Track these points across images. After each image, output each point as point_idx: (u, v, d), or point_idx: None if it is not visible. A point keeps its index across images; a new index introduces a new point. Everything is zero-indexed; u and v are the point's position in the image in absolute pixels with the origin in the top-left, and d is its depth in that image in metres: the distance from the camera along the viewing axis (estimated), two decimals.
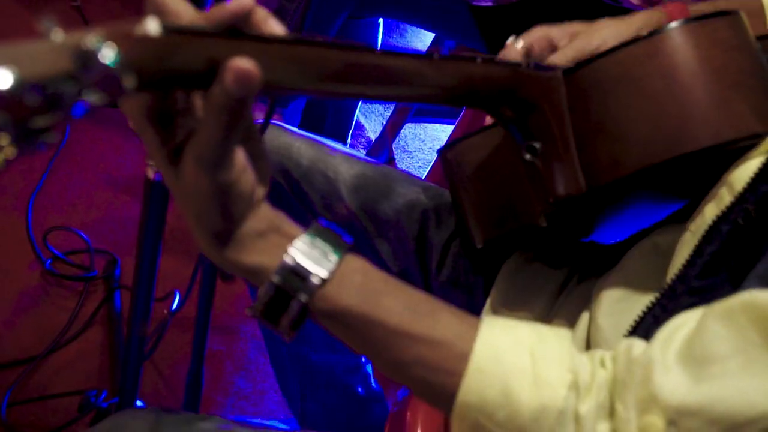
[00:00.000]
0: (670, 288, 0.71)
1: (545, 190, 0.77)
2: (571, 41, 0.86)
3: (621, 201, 0.90)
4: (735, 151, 0.73)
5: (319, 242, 0.56)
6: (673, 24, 0.75)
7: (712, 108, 0.73)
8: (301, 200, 0.99)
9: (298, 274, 0.55)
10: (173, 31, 0.47)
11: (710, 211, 0.73)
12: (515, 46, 0.85)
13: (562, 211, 0.81)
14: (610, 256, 0.89)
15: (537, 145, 0.76)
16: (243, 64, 0.49)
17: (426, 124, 2.39)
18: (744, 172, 0.70)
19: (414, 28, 2.46)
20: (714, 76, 0.74)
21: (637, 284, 0.81)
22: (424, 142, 2.38)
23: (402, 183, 1.01)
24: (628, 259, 0.85)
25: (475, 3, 1.52)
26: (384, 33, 1.94)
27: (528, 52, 0.85)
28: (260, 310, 0.56)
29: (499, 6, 1.49)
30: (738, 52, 0.75)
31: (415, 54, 0.63)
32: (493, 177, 0.88)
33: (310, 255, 0.56)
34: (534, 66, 0.75)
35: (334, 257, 0.56)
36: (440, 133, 2.39)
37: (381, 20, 1.88)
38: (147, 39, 0.46)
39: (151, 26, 0.45)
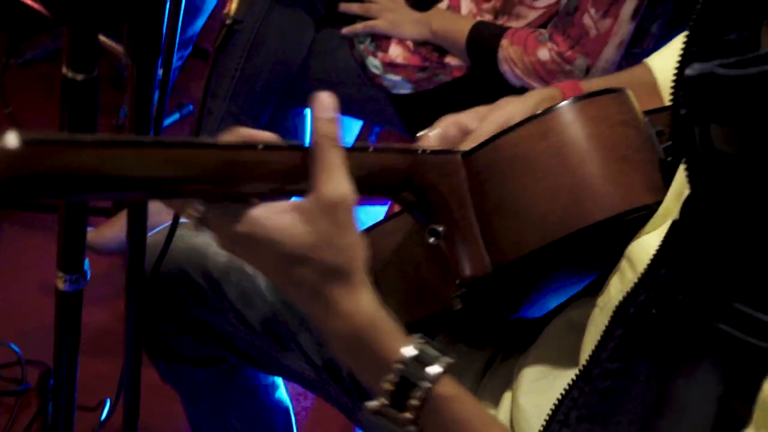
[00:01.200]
0: (585, 370, 0.70)
1: (452, 273, 0.78)
2: (481, 122, 0.89)
3: (535, 276, 0.91)
4: (631, 222, 0.75)
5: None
6: (563, 103, 0.78)
7: (603, 182, 0.75)
8: (221, 300, 0.98)
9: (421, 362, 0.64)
10: (34, 143, 0.47)
11: (615, 287, 0.74)
12: (430, 136, 0.88)
13: (477, 291, 0.81)
14: (531, 331, 0.89)
15: (440, 228, 0.76)
16: None
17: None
18: (643, 250, 0.71)
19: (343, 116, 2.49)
20: (603, 151, 0.76)
21: (555, 362, 0.81)
22: None
23: None
24: (545, 335, 0.85)
25: (394, 92, 1.56)
26: None
27: (443, 139, 0.88)
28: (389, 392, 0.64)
29: (417, 93, 1.54)
30: (625, 127, 0.77)
31: (300, 146, 0.63)
32: (407, 262, 0.88)
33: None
34: (431, 151, 0.77)
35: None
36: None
37: (309, 110, 1.91)
38: (8, 151, 0.46)
39: (10, 140, 0.46)
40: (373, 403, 0.65)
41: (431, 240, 0.77)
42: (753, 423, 0.54)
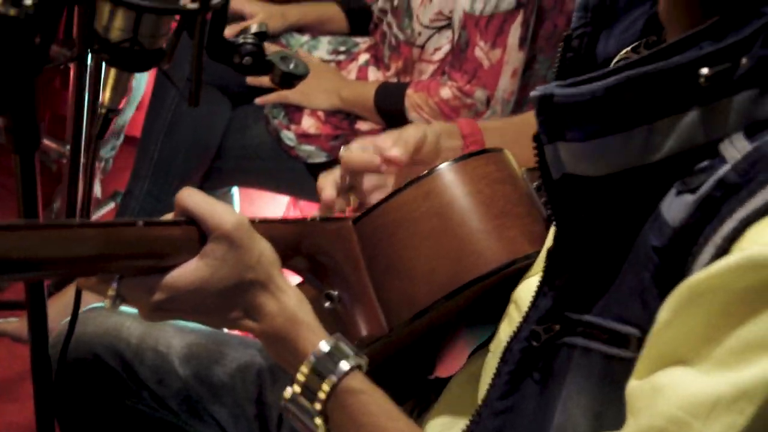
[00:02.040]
0: (477, 414, 0.73)
1: (350, 335, 0.80)
2: (394, 144, 0.91)
3: (437, 333, 0.94)
4: (516, 273, 0.79)
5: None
6: (442, 165, 0.82)
7: (485, 237, 0.78)
8: (134, 380, 0.99)
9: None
10: None
11: (504, 331, 0.77)
12: (352, 147, 0.90)
13: (382, 354, 0.83)
14: (442, 385, 0.91)
15: (334, 293, 0.79)
16: None
17: None
18: (527, 291, 0.74)
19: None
20: (483, 207, 0.80)
21: (456, 412, 0.83)
22: None
23: (235, 347, 1.01)
24: (448, 389, 0.87)
25: (310, 161, 1.60)
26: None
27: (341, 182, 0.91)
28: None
29: (332, 161, 1.57)
30: (502, 184, 0.81)
31: (180, 221, 0.66)
32: None
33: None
34: (321, 219, 0.80)
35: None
36: None
37: (235, 189, 1.94)
38: None
39: None
40: (287, 392, 0.70)
41: (327, 304, 0.79)
42: (626, 422, 0.57)
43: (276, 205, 2.58)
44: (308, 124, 1.59)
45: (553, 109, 0.59)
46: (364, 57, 1.66)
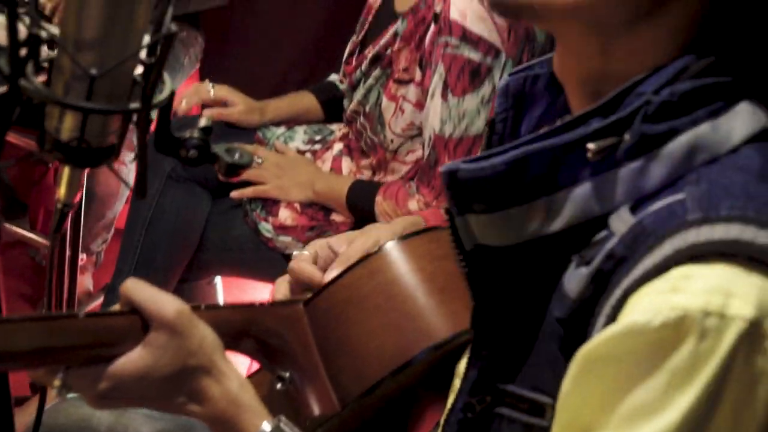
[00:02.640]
0: None
1: (302, 415, 0.82)
2: (348, 246, 0.96)
3: (399, 402, 0.96)
4: (461, 345, 0.81)
5: None
6: (387, 244, 0.86)
7: (428, 312, 0.82)
8: None
9: None
10: None
11: (450, 402, 0.80)
12: (303, 254, 0.94)
13: (339, 430, 0.85)
14: None
15: (286, 374, 0.82)
16: None
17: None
18: (465, 363, 0.78)
19: None
20: (426, 283, 0.83)
21: None
22: None
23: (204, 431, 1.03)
24: None
25: (287, 252, 1.64)
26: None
27: (315, 259, 0.94)
28: None
29: None
30: (444, 260, 0.85)
31: (127, 311, 0.69)
32: (273, 410, 0.93)
33: None
34: (270, 303, 0.83)
35: None
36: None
37: (218, 279, 1.98)
38: None
39: None
40: None
41: (279, 386, 0.82)
42: None
43: (260, 293, 2.61)
44: (285, 215, 1.64)
45: (459, 183, 0.63)
46: (338, 146, 1.72)
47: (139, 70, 0.65)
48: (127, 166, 2.10)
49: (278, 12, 2.58)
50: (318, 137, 1.77)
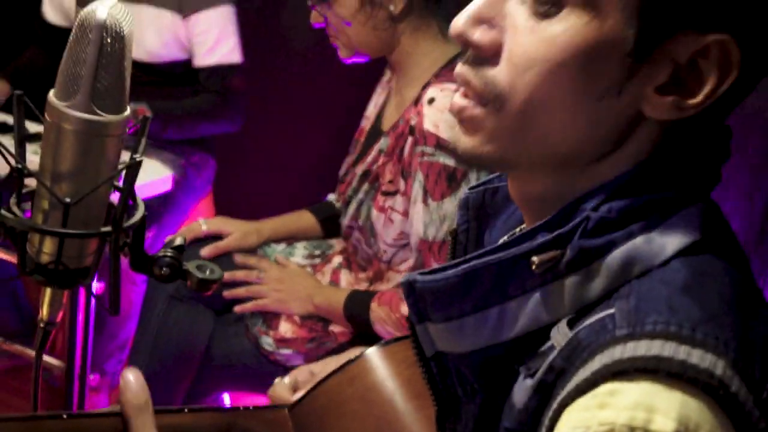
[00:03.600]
0: None
1: None
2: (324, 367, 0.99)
3: None
4: None
5: None
6: (367, 350, 0.89)
7: (405, 418, 0.84)
8: None
9: None
10: None
11: None
12: (283, 382, 0.97)
13: None
14: None
15: None
16: None
17: None
18: None
19: None
20: (403, 388, 0.86)
21: None
22: None
23: None
24: None
25: (288, 365, 1.67)
26: None
27: (295, 385, 0.97)
28: None
29: (308, 363, 1.65)
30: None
31: (109, 413, 0.72)
32: None
33: None
34: (254, 408, 0.86)
35: None
36: None
37: (226, 395, 1.99)
38: None
39: None
40: None
41: None
42: None
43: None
44: (285, 328, 1.67)
45: (417, 293, 0.67)
46: (337, 260, 1.77)
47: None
48: (138, 286, 2.16)
49: (285, 138, 2.70)
50: (317, 252, 1.83)
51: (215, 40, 2.26)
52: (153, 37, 2.27)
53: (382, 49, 1.57)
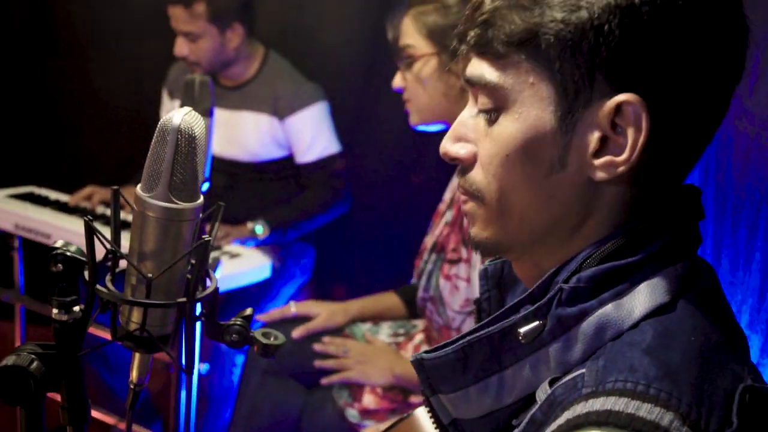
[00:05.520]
0: None
1: None
2: None
3: None
4: None
5: None
6: (417, 410, 0.97)
7: None
8: None
9: None
10: None
11: None
12: None
13: None
14: None
15: None
16: None
17: None
18: None
19: None
20: None
21: None
22: None
23: None
24: None
25: None
26: None
27: None
28: None
29: None
30: None
31: None
32: None
33: None
34: None
35: None
36: None
37: None
38: None
39: None
40: None
41: None
42: None
43: None
44: (368, 400, 1.76)
45: (425, 369, 0.76)
46: (419, 337, 1.86)
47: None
48: (238, 367, 2.30)
49: (378, 223, 2.83)
50: (402, 330, 1.93)
51: (312, 137, 2.43)
52: (253, 139, 2.48)
53: (447, 118, 1.67)
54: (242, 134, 2.47)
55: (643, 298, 0.69)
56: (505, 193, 0.74)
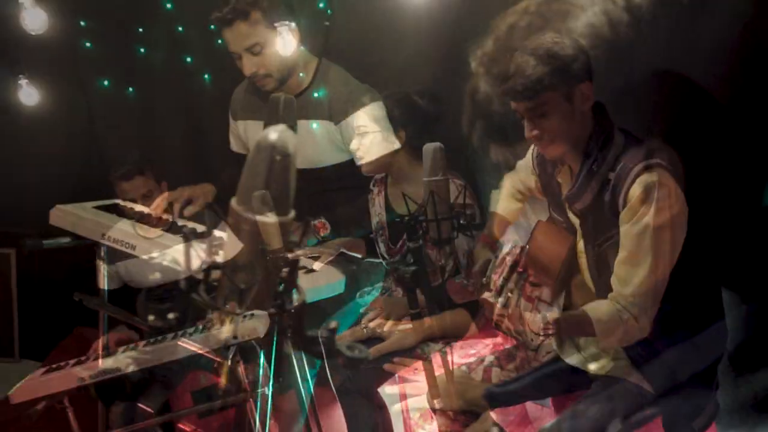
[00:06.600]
0: None
1: None
2: None
3: None
4: None
5: None
6: None
7: None
8: None
9: None
10: None
11: None
12: None
13: None
14: None
15: None
16: None
17: None
18: None
19: None
20: None
21: None
22: None
23: None
24: None
25: None
26: None
27: None
28: None
29: None
30: None
31: None
32: None
33: None
34: None
35: None
36: None
37: None
38: None
39: None
40: None
41: None
42: None
43: None
44: (440, 422, 1.76)
45: (498, 401, 0.78)
46: (489, 358, 1.85)
47: None
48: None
49: None
50: (472, 350, 1.92)
51: (369, 139, 2.41)
52: (311, 147, 2.48)
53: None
54: (300, 143, 2.47)
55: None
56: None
